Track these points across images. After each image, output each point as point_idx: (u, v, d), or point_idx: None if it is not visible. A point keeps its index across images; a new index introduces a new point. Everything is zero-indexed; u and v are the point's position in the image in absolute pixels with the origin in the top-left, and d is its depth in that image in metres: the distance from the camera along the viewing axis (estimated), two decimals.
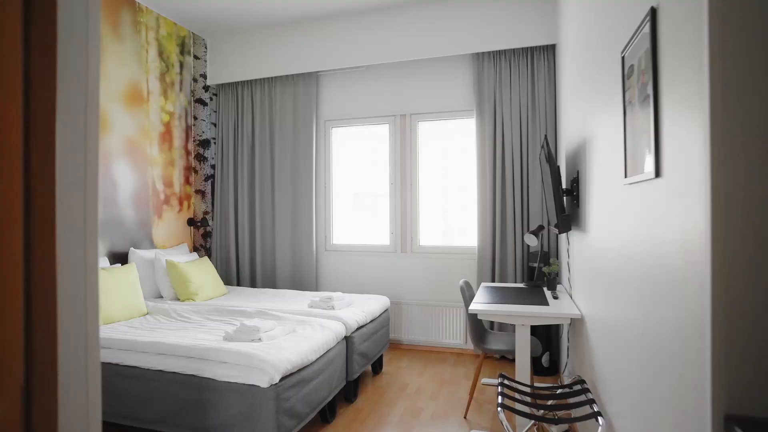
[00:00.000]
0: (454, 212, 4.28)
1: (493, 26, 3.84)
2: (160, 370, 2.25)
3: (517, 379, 2.43)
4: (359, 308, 3.31)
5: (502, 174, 3.92)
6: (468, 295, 2.97)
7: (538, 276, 3.43)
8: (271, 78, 4.58)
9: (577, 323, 2.51)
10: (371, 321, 3.33)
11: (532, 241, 3.18)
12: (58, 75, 0.69)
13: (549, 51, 3.78)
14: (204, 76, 4.68)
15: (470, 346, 4.12)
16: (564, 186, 3.08)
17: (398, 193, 4.36)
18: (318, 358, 2.48)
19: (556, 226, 2.65)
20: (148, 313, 3.17)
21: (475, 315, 2.83)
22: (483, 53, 3.96)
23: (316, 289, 4.55)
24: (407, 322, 4.27)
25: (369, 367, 3.62)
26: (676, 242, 0.99)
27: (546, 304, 2.57)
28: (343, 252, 4.51)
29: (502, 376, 2.10)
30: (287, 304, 3.45)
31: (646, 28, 1.14)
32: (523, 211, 3.88)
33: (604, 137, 1.77)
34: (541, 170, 3.27)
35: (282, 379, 2.12)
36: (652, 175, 1.11)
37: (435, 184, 4.32)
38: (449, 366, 3.79)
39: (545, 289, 3.09)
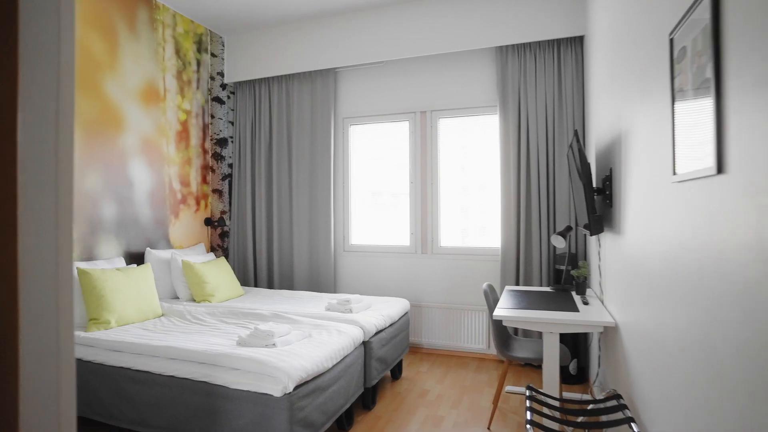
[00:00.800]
0: (475, 212, 4.13)
1: (517, 18, 3.67)
2: (172, 376, 2.18)
3: (544, 390, 2.28)
4: (378, 311, 3.19)
5: (526, 172, 3.75)
6: (492, 299, 2.82)
7: (566, 279, 3.26)
8: (289, 75, 4.50)
9: (610, 331, 2.35)
10: (390, 325, 3.21)
11: (559, 242, 3.02)
12: (20, 54, 0.59)
13: (576, 43, 3.60)
14: (221, 74, 4.63)
15: (493, 351, 3.97)
16: (595, 185, 2.90)
17: (418, 193, 4.23)
18: (334, 365, 2.38)
19: (586, 227, 2.48)
20: (163, 315, 3.12)
21: (500, 321, 2.68)
22: (507, 47, 3.79)
23: (334, 291, 4.46)
24: (427, 325, 4.14)
25: (388, 372, 3.51)
26: (746, 248, 0.84)
27: (576, 310, 2.41)
28: (361, 253, 4.41)
29: (530, 388, 1.95)
30: (304, 307, 3.37)
31: (706, 2, 0.99)
32: (548, 210, 3.70)
33: (644, 131, 1.61)
34: (569, 168, 3.10)
35: (296, 387, 2.02)
36: (713, 171, 0.96)
37: (455, 182, 4.17)
38: (471, 372, 3.65)
39: (574, 293, 2.92)
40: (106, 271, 2.88)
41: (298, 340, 2.46)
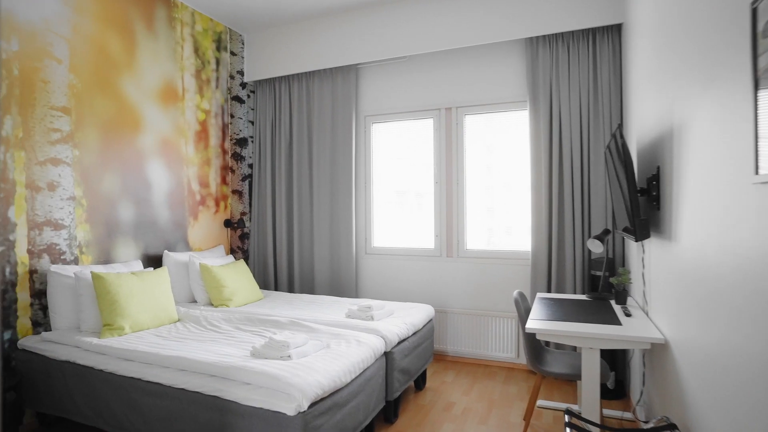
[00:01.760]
0: (501, 214, 3.91)
1: (549, 7, 3.44)
2: (183, 389, 2.07)
3: (583, 411, 2.07)
4: (401, 319, 3.03)
5: (559, 171, 3.51)
6: (523, 308, 2.62)
7: (604, 287, 3.02)
8: (309, 73, 4.38)
9: (657, 348, 2.11)
10: (414, 333, 3.04)
11: (596, 247, 2.78)
12: None
13: (614, 32, 3.34)
14: (241, 73, 4.55)
15: (522, 360, 3.75)
16: (638, 185, 2.65)
17: (443, 193, 4.04)
18: (353, 379, 2.22)
19: (628, 231, 2.25)
20: (179, 320, 3.03)
21: (533, 333, 2.48)
22: (537, 38, 3.56)
23: (356, 295, 4.31)
24: (453, 332, 3.95)
25: (411, 383, 3.33)
26: None
27: (617, 322, 2.19)
28: (384, 256, 4.25)
29: (569, 413, 1.75)
30: (323, 313, 3.23)
31: None
32: (583, 212, 3.46)
33: (707, 123, 1.39)
34: (606, 166, 2.86)
35: (311, 405, 1.87)
36: None
37: (481, 182, 3.96)
38: (499, 383, 3.44)
39: (613, 302, 2.68)
40: (120, 275, 2.80)
41: (315, 351, 2.31)
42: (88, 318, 2.76)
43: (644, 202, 2.37)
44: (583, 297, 2.89)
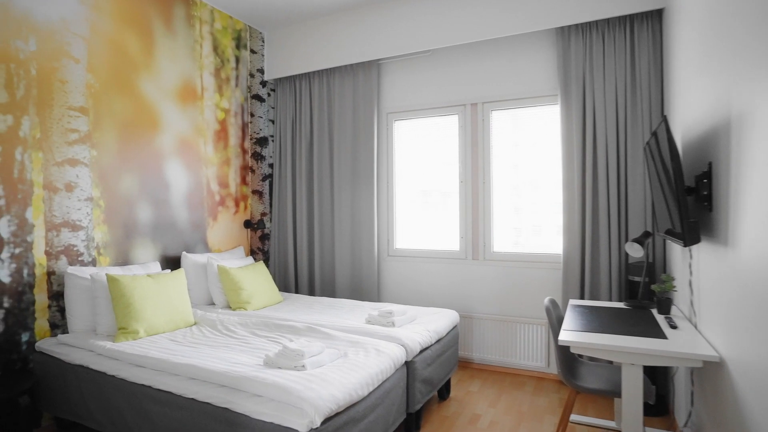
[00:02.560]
0: (531, 215, 3.70)
1: None
2: (192, 399, 1.98)
3: None
4: (423, 326, 2.87)
5: (593, 168, 3.29)
6: (555, 316, 2.42)
7: (644, 294, 2.79)
8: (330, 70, 4.27)
9: (710, 366, 1.89)
10: (437, 341, 2.88)
11: (636, 251, 2.56)
12: None
13: (654, 18, 3.09)
14: (261, 71, 4.48)
15: (553, 369, 3.53)
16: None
17: (469, 193, 3.86)
18: (371, 392, 2.09)
19: (670, 233, 2.04)
20: (195, 324, 2.96)
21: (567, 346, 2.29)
22: (569, 27, 3.35)
23: (378, 299, 4.18)
24: (479, 338, 3.76)
25: (435, 392, 3.18)
26: None
27: (662, 335, 1.98)
28: (407, 258, 4.10)
29: None
30: (342, 318, 3.11)
31: None
32: (620, 213, 3.22)
33: None
34: (646, 163, 2.63)
35: (325, 421, 1.75)
36: None
37: (509, 181, 3.76)
38: (528, 394, 3.24)
39: (655, 312, 2.46)
40: (136, 278, 2.75)
41: (332, 360, 2.19)
42: (104, 321, 2.72)
43: (695, 203, 2.15)
44: (621, 305, 2.67)
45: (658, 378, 2.95)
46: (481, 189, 3.81)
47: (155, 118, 3.39)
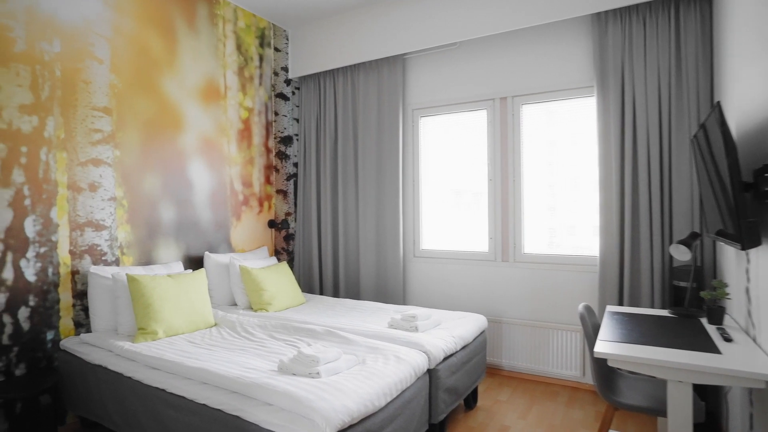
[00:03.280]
0: (564, 215, 3.48)
1: None
2: (204, 404, 1.91)
3: None
4: (448, 331, 2.73)
5: (632, 164, 3.05)
6: (590, 324, 2.23)
7: (691, 302, 2.55)
8: (354, 66, 4.17)
9: None
10: (463, 348, 2.73)
11: (682, 254, 2.34)
12: None
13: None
14: (285, 69, 4.43)
15: (588, 379, 3.31)
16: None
17: (498, 192, 3.67)
18: (390, 402, 1.96)
19: (723, 235, 1.82)
20: (215, 325, 2.92)
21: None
22: (607, 12, 3.12)
23: (404, 301, 4.05)
24: (508, 344, 3.58)
25: (461, 401, 3.03)
26: None
27: (714, 349, 1.77)
28: (433, 259, 3.95)
29: None
30: (364, 321, 3.00)
31: None
32: (663, 212, 2.98)
33: None
34: (694, 158, 2.40)
35: None
36: None
37: (541, 179, 3.56)
38: (561, 405, 3.04)
39: (704, 322, 2.23)
40: (156, 278, 2.73)
41: (348, 368, 2.08)
42: (124, 321, 2.71)
43: (753, 201, 1.92)
44: (664, 313, 2.45)
45: (708, 394, 2.69)
46: (511, 187, 3.62)
47: (178, 117, 3.39)
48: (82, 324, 2.84)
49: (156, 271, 3.01)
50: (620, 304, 3.08)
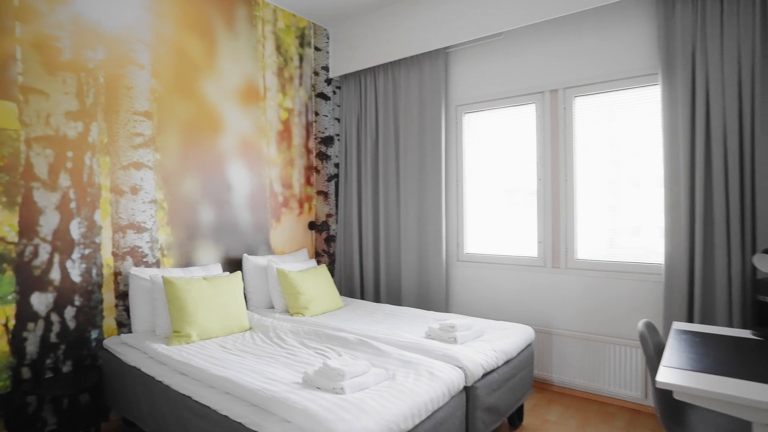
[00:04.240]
0: (623, 217, 3.14)
1: None
2: (226, 416, 1.85)
3: None
4: (489, 344, 2.52)
5: (705, 161, 2.68)
6: (652, 344, 1.95)
7: None
8: (395, 63, 4.03)
9: None
10: (505, 363, 2.51)
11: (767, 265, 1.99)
12: None
13: None
14: (326, 69, 4.37)
15: (651, 401, 2.97)
16: None
17: (548, 192, 3.40)
18: (419, 423, 1.81)
19: None
20: (250, 329, 2.89)
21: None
22: None
23: (446, 308, 3.86)
24: (559, 357, 3.30)
25: (504, 419, 2.80)
26: None
27: None
28: (478, 264, 3.73)
29: None
30: (401, 329, 2.85)
31: None
32: (743, 216, 2.59)
33: None
34: None
35: None
36: None
37: (595, 178, 3.24)
38: (619, 429, 2.74)
39: None
40: (191, 281, 2.73)
41: (376, 383, 1.94)
42: (162, 322, 2.73)
43: None
44: (746, 334, 2.10)
45: None
46: (562, 187, 3.33)
47: (217, 119, 3.40)
48: (124, 324, 2.91)
49: (194, 273, 3.02)
50: (689, 320, 2.72)
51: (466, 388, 2.19)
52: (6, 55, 2.43)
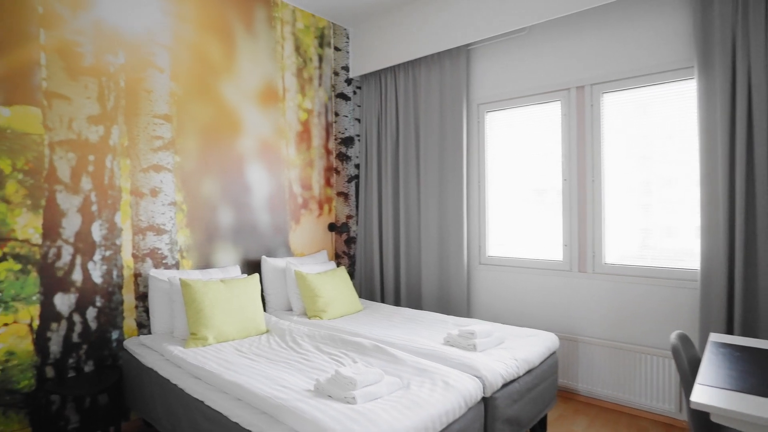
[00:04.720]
0: (654, 219, 2.97)
1: None
2: (237, 423, 1.82)
3: None
4: (511, 352, 2.42)
5: (746, 159, 2.50)
6: (686, 358, 1.81)
7: None
8: (415, 61, 3.95)
9: None
10: (527, 372, 2.40)
11: None
12: None
13: None
14: (346, 69, 4.32)
15: (686, 415, 2.79)
16: None
17: (574, 193, 3.25)
18: None
19: None
20: (267, 332, 2.87)
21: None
22: None
23: (468, 313, 3.76)
24: (586, 366, 3.15)
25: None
26: None
27: None
28: (500, 267, 3.62)
29: None
30: (419, 335, 2.78)
31: None
32: None
33: None
34: None
35: None
36: None
37: (625, 179, 3.07)
38: None
39: None
40: (208, 283, 2.73)
41: (390, 392, 1.87)
42: (179, 324, 2.74)
43: None
44: None
45: None
46: (589, 188, 3.18)
47: (236, 121, 3.41)
48: (144, 325, 2.93)
49: (212, 275, 3.03)
50: (729, 331, 2.54)
51: (484, 399, 2.10)
52: (31, 61, 2.48)
